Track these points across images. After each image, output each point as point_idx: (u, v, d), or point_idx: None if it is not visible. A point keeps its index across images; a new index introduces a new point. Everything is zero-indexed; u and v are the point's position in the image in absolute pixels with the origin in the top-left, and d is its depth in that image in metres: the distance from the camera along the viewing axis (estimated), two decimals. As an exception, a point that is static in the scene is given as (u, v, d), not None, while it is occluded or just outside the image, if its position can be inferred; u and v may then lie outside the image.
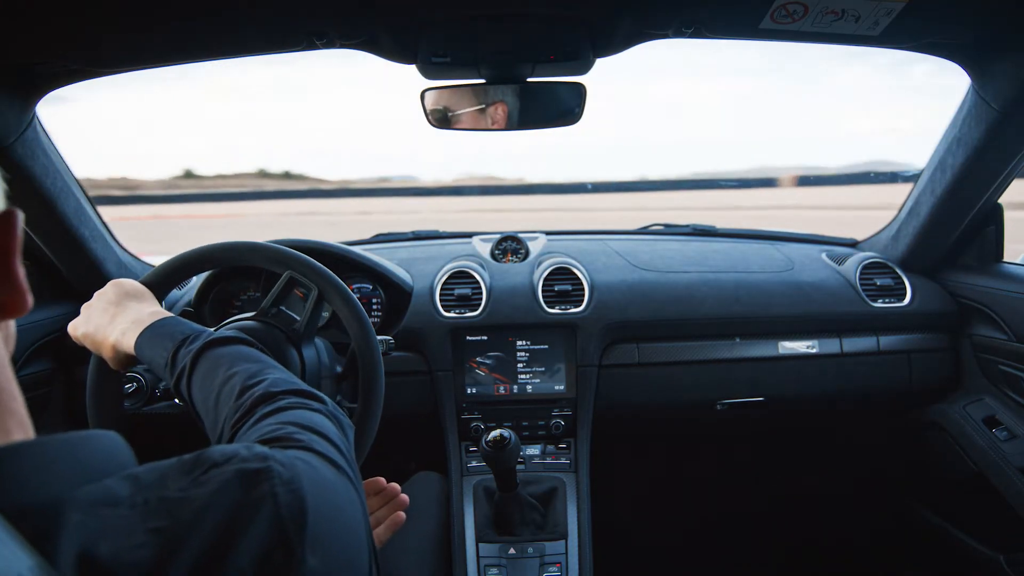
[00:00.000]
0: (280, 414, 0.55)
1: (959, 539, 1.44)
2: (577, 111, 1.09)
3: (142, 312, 0.80)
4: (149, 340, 0.74)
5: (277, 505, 0.37)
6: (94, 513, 0.33)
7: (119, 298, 0.84)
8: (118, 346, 0.78)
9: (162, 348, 0.72)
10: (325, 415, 0.57)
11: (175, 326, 0.75)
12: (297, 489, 0.39)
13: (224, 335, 0.72)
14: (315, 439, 0.50)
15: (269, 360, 0.68)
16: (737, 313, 1.37)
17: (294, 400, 0.59)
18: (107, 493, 0.34)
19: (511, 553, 1.12)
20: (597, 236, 1.67)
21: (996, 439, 1.28)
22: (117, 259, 1.40)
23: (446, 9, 0.90)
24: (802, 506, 1.83)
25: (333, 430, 0.54)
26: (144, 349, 0.74)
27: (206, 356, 0.68)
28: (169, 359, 0.71)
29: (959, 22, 0.94)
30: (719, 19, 0.94)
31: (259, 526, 0.36)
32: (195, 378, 0.68)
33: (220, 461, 0.39)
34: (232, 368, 0.65)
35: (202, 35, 0.95)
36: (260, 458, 0.40)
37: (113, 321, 0.80)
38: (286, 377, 0.64)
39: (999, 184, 1.24)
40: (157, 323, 0.76)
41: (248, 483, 0.37)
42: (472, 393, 1.32)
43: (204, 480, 0.37)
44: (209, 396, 0.64)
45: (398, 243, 1.67)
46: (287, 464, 0.41)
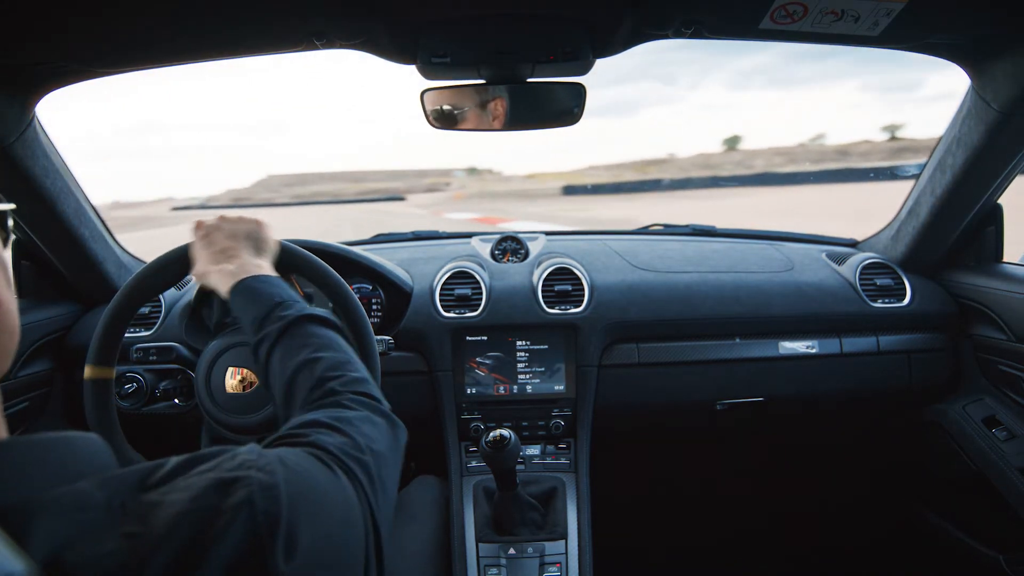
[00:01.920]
0: (328, 410, 0.57)
1: (959, 539, 1.44)
2: (576, 111, 1.09)
3: (249, 261, 0.80)
4: (245, 293, 0.75)
5: (254, 512, 0.37)
6: (66, 517, 0.32)
7: (241, 237, 0.84)
8: (214, 284, 0.79)
9: (255, 305, 0.73)
10: (375, 416, 0.58)
11: (274, 287, 0.76)
12: (275, 496, 0.39)
13: (320, 314, 0.72)
14: (330, 438, 0.51)
15: (351, 352, 0.69)
16: (737, 313, 1.37)
17: (352, 399, 0.60)
18: (81, 496, 0.34)
19: (511, 553, 1.12)
20: (597, 236, 1.67)
21: (996, 439, 1.28)
22: (117, 259, 1.40)
23: (446, 9, 0.90)
24: (802, 506, 1.83)
25: (367, 431, 0.55)
26: (237, 299, 0.75)
27: (296, 330, 0.69)
28: (259, 319, 0.71)
29: (959, 22, 0.94)
30: (719, 19, 0.94)
31: (234, 534, 0.35)
32: (278, 347, 0.68)
33: (202, 468, 0.38)
34: (317, 352, 0.66)
35: (202, 35, 0.95)
36: (243, 466, 0.39)
37: (223, 255, 0.81)
38: (361, 375, 0.64)
39: (999, 184, 1.24)
40: (259, 278, 0.77)
41: (225, 491, 0.37)
42: (472, 393, 1.32)
43: (184, 486, 0.37)
44: (287, 369, 0.65)
45: (398, 243, 1.67)
46: (268, 469, 0.40)
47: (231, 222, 0.86)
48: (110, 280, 1.36)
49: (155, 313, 1.31)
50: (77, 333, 1.32)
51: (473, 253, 1.53)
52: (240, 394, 0.89)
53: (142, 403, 1.16)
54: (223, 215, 0.88)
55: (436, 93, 1.09)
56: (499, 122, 1.11)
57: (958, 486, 1.44)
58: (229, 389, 0.90)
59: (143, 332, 1.28)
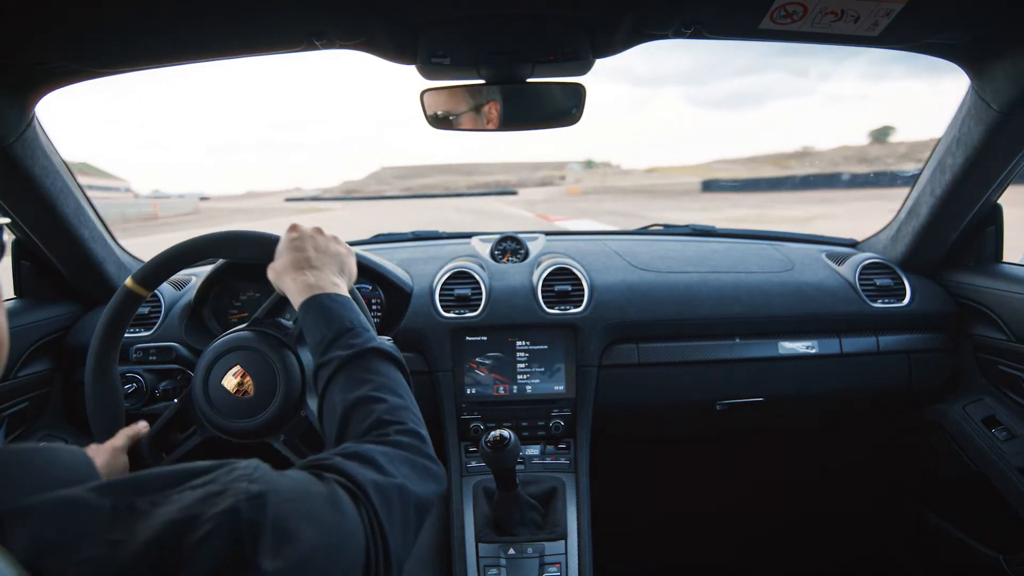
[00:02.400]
0: (377, 445, 0.58)
1: (959, 539, 1.44)
2: (576, 111, 1.09)
3: (329, 279, 0.80)
4: (318, 310, 0.75)
5: (238, 520, 0.37)
6: (51, 523, 0.32)
7: (329, 254, 0.85)
8: (288, 289, 0.80)
9: (326, 325, 0.73)
10: (419, 461, 0.59)
11: (347, 311, 0.75)
12: (261, 505, 0.39)
13: (387, 349, 0.72)
14: (359, 468, 0.52)
15: (410, 397, 0.69)
16: (737, 313, 1.37)
17: (404, 442, 0.60)
18: (75, 502, 0.34)
19: (511, 553, 1.12)
20: (597, 236, 1.67)
21: (996, 439, 1.28)
22: (117, 259, 1.40)
23: (445, 9, 0.91)
24: (801, 505, 1.83)
25: (405, 472, 0.56)
26: (309, 314, 0.75)
27: (362, 362, 0.69)
28: (327, 340, 0.71)
29: (958, 23, 0.94)
30: (719, 19, 0.94)
31: (215, 542, 0.35)
32: (341, 375, 0.68)
33: (196, 483, 0.38)
34: (379, 392, 0.66)
35: (202, 35, 0.95)
36: (236, 480, 0.39)
37: (306, 264, 0.81)
38: (417, 427, 0.64)
39: (998, 184, 1.24)
40: (335, 297, 0.77)
41: (212, 501, 0.37)
42: (472, 393, 1.31)
43: (175, 499, 0.37)
44: (346, 400, 0.65)
45: (398, 243, 1.67)
46: (260, 481, 0.40)
47: (324, 238, 0.87)
48: (110, 280, 1.36)
49: (155, 313, 1.31)
50: (77, 333, 1.32)
51: (473, 253, 1.53)
52: (237, 398, 0.89)
53: (142, 403, 1.16)
54: (319, 227, 0.89)
55: (436, 93, 1.09)
56: (498, 122, 1.11)
57: (958, 486, 1.44)
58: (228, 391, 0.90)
59: (143, 332, 1.28)
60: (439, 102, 1.09)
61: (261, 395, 0.89)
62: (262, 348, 0.90)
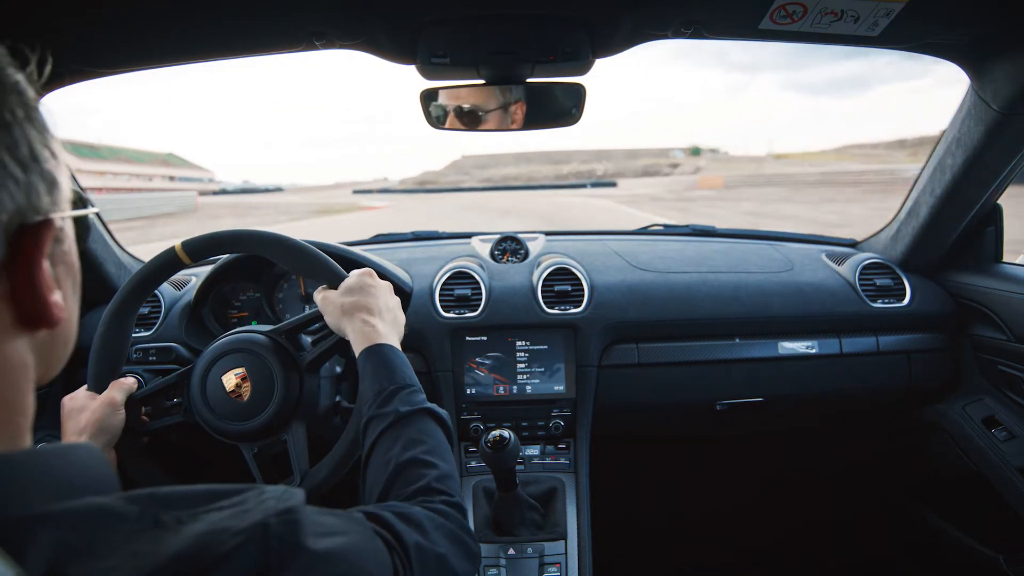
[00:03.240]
0: (421, 508, 0.59)
1: (959, 539, 1.44)
2: (576, 112, 1.09)
3: (391, 332, 0.83)
4: (382, 360, 0.77)
5: (267, 534, 0.37)
6: (77, 531, 0.32)
7: (393, 310, 0.88)
8: (351, 330, 0.82)
9: (387, 376, 0.75)
10: (457, 533, 0.60)
11: (407, 367, 0.78)
12: (292, 521, 0.38)
13: (440, 413, 0.74)
14: (403, 527, 0.53)
15: (453, 464, 0.70)
16: (736, 313, 1.37)
17: (445, 511, 0.62)
18: (100, 507, 0.34)
19: (511, 553, 1.11)
20: (596, 236, 1.67)
21: (995, 439, 1.28)
22: (117, 259, 1.40)
23: (445, 9, 0.91)
24: (801, 506, 1.83)
25: (440, 539, 0.57)
26: (371, 361, 0.77)
27: (416, 422, 0.71)
28: (385, 392, 0.73)
29: (958, 22, 0.94)
30: (719, 19, 0.94)
31: (243, 556, 0.35)
32: (393, 430, 0.69)
33: (224, 504, 0.38)
34: (431, 456, 0.67)
35: (202, 35, 0.95)
36: (264, 500, 0.39)
37: (375, 312, 0.84)
38: (458, 498, 0.66)
39: (998, 184, 1.24)
40: (397, 352, 0.79)
41: (241, 516, 0.37)
42: (472, 393, 1.31)
43: (204, 518, 0.36)
44: (399, 457, 0.66)
45: (398, 244, 1.67)
46: (288, 500, 0.40)
47: (395, 299, 0.91)
48: (110, 280, 1.36)
49: (155, 313, 1.31)
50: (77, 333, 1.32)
51: (472, 253, 1.53)
52: (231, 398, 0.89)
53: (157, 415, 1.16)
54: (392, 286, 0.92)
55: (435, 93, 1.09)
56: (497, 123, 1.11)
57: (958, 486, 1.44)
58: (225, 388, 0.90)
59: (143, 332, 1.28)
60: (439, 102, 1.09)
61: (253, 404, 0.89)
62: (271, 359, 0.90)
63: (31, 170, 0.35)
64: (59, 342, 0.41)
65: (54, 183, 0.37)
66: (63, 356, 0.43)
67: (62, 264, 0.40)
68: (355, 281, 0.87)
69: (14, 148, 0.34)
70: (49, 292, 0.36)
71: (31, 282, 0.35)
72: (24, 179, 0.34)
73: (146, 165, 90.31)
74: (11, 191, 0.34)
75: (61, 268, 0.40)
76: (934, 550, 1.58)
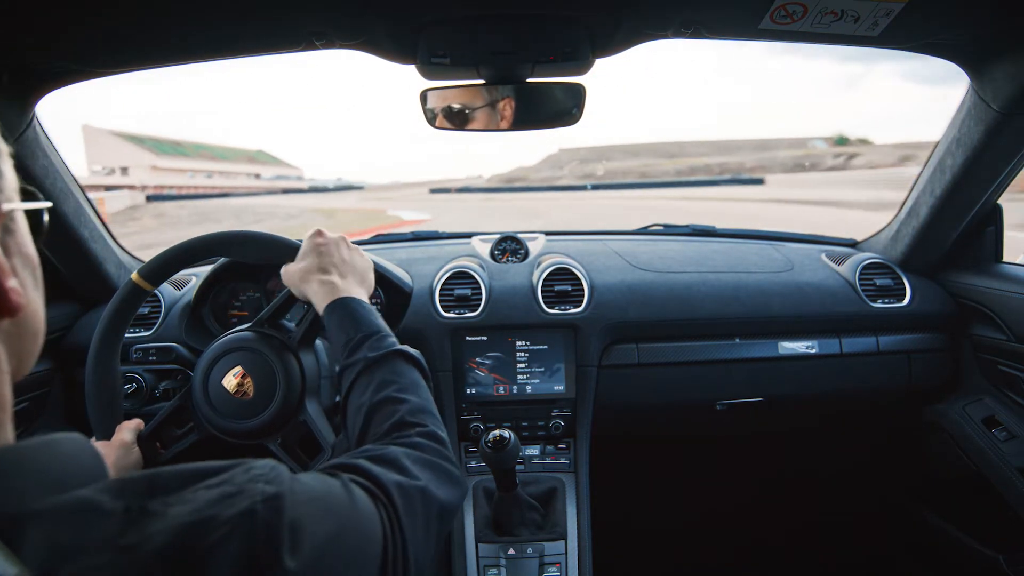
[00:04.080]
0: (399, 447, 0.59)
1: (959, 539, 1.44)
2: (576, 112, 1.09)
3: (353, 285, 0.83)
4: (346, 313, 0.77)
5: (254, 523, 0.37)
6: (68, 527, 0.32)
7: (354, 264, 0.87)
8: (311, 292, 0.82)
9: (353, 327, 0.75)
10: (441, 464, 0.60)
11: (373, 315, 0.78)
12: (278, 507, 0.38)
13: (412, 353, 0.74)
14: (380, 469, 0.53)
15: (431, 401, 0.71)
16: (737, 313, 1.37)
17: (424, 445, 0.62)
18: (89, 504, 0.33)
19: (510, 553, 1.12)
20: (596, 236, 1.67)
21: (995, 439, 1.28)
22: (117, 259, 1.40)
23: (445, 9, 0.90)
24: (801, 506, 1.83)
25: (426, 476, 0.57)
26: (335, 315, 0.77)
27: (388, 364, 0.71)
28: (353, 341, 0.73)
29: (958, 22, 0.94)
30: (719, 19, 0.94)
31: (231, 546, 0.35)
32: (366, 375, 0.70)
33: (211, 482, 0.38)
34: (403, 393, 0.68)
35: (202, 35, 0.95)
36: (252, 480, 0.39)
37: (333, 269, 0.83)
38: (437, 429, 0.66)
39: (998, 184, 1.24)
40: (361, 303, 0.79)
41: (228, 502, 0.37)
42: (472, 393, 1.32)
43: (190, 498, 0.36)
44: (371, 400, 0.67)
45: (397, 243, 1.67)
46: (276, 481, 0.40)
47: (349, 248, 0.89)
48: (110, 280, 1.36)
49: (155, 313, 1.31)
50: (76, 333, 1.32)
51: (473, 253, 1.53)
52: (237, 399, 0.89)
53: (142, 403, 1.16)
54: (346, 236, 0.91)
55: (435, 93, 1.09)
56: (498, 122, 1.11)
57: (958, 486, 1.44)
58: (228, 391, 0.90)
59: (143, 332, 1.28)
60: (439, 102, 1.09)
61: (260, 397, 0.89)
62: (263, 350, 0.90)
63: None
64: (26, 333, 0.41)
65: None
66: (33, 350, 0.42)
67: (17, 255, 0.40)
68: (307, 245, 0.87)
69: None
70: (6, 276, 0.36)
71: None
72: None
73: (230, 162, 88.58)
74: None
75: (17, 259, 0.40)
76: (934, 550, 1.58)
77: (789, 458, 1.80)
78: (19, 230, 0.41)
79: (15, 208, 0.40)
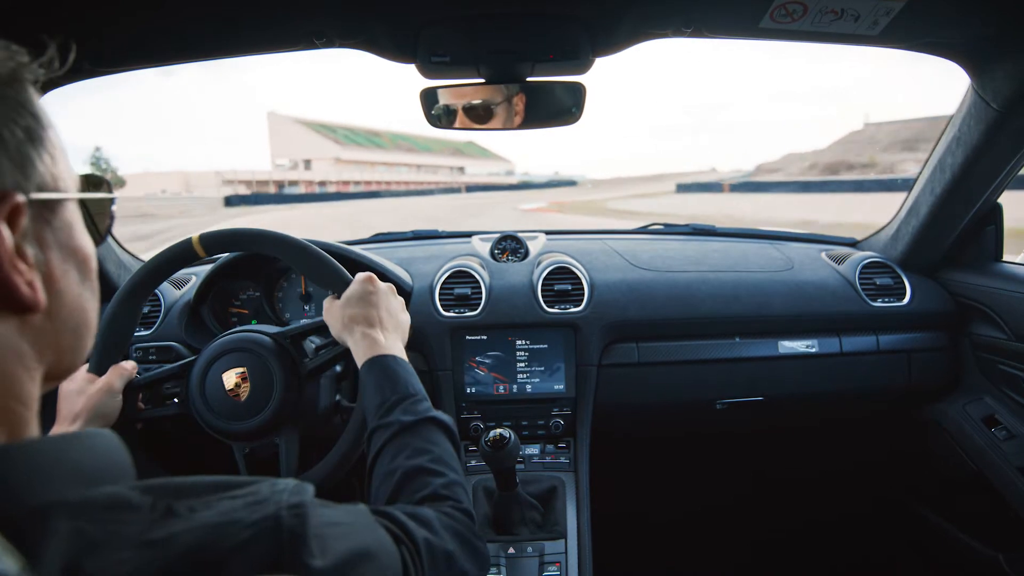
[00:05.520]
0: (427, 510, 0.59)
1: (958, 538, 1.44)
2: (576, 111, 1.09)
3: (395, 341, 0.83)
4: (384, 371, 0.76)
5: (279, 528, 0.37)
6: (97, 520, 0.32)
7: (397, 317, 0.88)
8: (353, 341, 0.82)
9: (389, 387, 0.74)
10: (467, 536, 0.60)
11: (411, 376, 0.78)
12: (302, 515, 0.39)
13: (446, 421, 0.73)
14: (413, 525, 0.53)
15: (461, 473, 0.70)
16: (737, 312, 1.37)
17: (455, 516, 0.62)
18: (115, 497, 0.34)
19: (510, 552, 1.11)
20: (597, 235, 1.67)
21: (995, 438, 1.28)
22: (117, 258, 1.40)
23: (445, 9, 0.90)
24: (801, 505, 1.83)
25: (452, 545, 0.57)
26: (373, 372, 0.77)
27: (422, 430, 0.70)
28: (388, 403, 0.73)
29: (958, 22, 0.94)
30: (719, 18, 0.94)
31: (255, 550, 0.35)
32: (398, 439, 0.69)
33: (236, 493, 0.38)
34: (437, 465, 0.67)
35: (202, 34, 0.95)
36: (276, 492, 0.39)
37: (377, 321, 0.83)
38: (468, 504, 0.66)
39: (998, 184, 1.24)
40: (399, 361, 0.79)
41: (252, 508, 0.37)
42: (471, 392, 1.32)
43: (216, 505, 0.36)
44: (405, 466, 0.66)
45: (397, 243, 1.67)
46: (300, 493, 0.40)
47: (397, 301, 0.90)
48: (110, 279, 1.36)
49: (155, 312, 1.31)
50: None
51: (473, 252, 1.53)
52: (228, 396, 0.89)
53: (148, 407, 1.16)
54: (393, 287, 0.91)
55: (436, 92, 1.09)
56: (498, 121, 1.11)
57: (957, 485, 1.44)
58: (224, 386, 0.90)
59: (143, 332, 1.28)
60: (439, 101, 1.09)
61: (250, 404, 0.89)
62: (273, 363, 0.90)
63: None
64: (63, 329, 0.40)
65: (25, 162, 0.37)
66: (75, 345, 0.41)
67: (56, 248, 0.39)
68: (356, 291, 0.87)
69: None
70: (11, 269, 0.35)
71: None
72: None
73: (433, 155, 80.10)
74: None
75: (55, 252, 0.39)
76: (933, 549, 1.58)
77: (789, 457, 1.81)
78: (63, 221, 0.40)
79: (46, 198, 0.38)
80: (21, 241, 0.36)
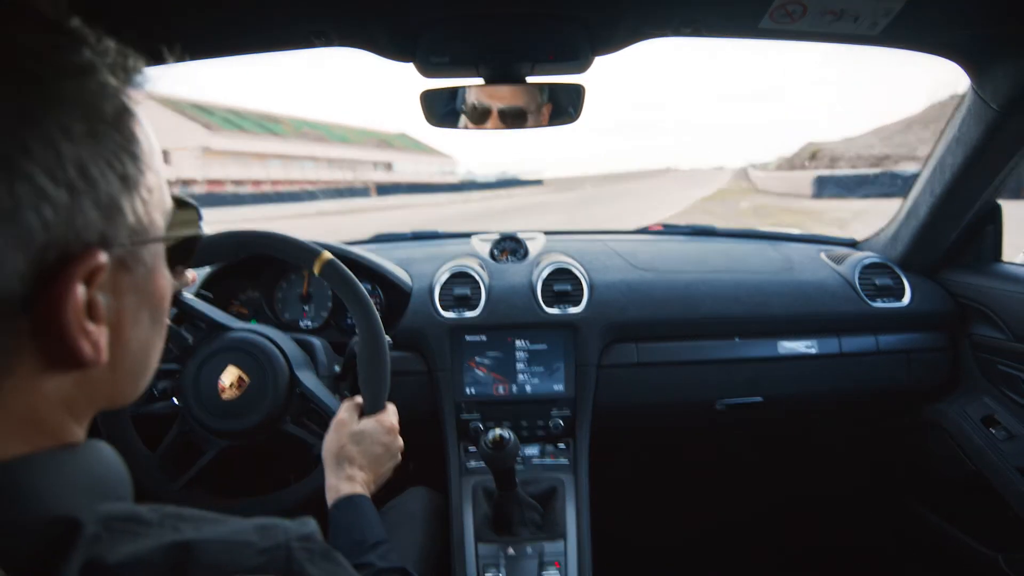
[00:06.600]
0: None
1: (958, 539, 1.44)
2: (574, 111, 1.09)
3: (363, 479, 0.85)
4: (356, 514, 0.79)
5: (290, 559, 0.37)
6: (114, 527, 0.32)
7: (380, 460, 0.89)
8: (329, 473, 0.84)
9: (366, 530, 0.77)
10: None
11: (376, 522, 0.80)
12: (312, 549, 0.38)
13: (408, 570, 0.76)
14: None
15: None
16: (736, 313, 1.37)
17: None
18: (132, 511, 0.34)
19: (510, 553, 1.11)
20: (596, 236, 1.67)
21: (995, 439, 1.28)
22: None
23: (445, 8, 0.90)
24: (801, 506, 1.83)
25: None
26: (342, 514, 0.79)
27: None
28: (364, 545, 0.75)
29: (958, 22, 0.94)
30: (718, 18, 0.94)
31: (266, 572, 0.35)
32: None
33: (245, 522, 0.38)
34: None
35: (201, 33, 0.95)
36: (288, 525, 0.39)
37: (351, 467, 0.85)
38: None
39: (998, 184, 1.24)
40: (366, 503, 0.81)
41: (263, 532, 0.37)
42: (471, 393, 1.31)
43: (221, 522, 0.37)
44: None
45: (397, 243, 1.67)
46: (306, 525, 0.41)
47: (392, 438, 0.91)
48: None
49: None
50: None
51: (472, 252, 1.53)
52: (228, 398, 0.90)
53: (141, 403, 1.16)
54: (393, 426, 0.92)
55: (435, 92, 1.08)
56: (498, 121, 1.11)
57: (957, 486, 1.44)
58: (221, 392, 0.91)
59: None
60: (438, 101, 1.09)
61: (240, 407, 0.90)
62: (276, 373, 0.91)
63: (78, 191, 0.31)
64: (123, 377, 0.38)
65: (114, 212, 0.33)
66: (133, 390, 0.40)
67: (131, 294, 0.36)
68: (367, 430, 0.88)
69: (56, 167, 0.30)
70: (79, 332, 0.32)
71: (56, 320, 0.31)
72: (67, 202, 0.30)
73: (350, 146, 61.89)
74: (44, 216, 0.29)
75: (130, 298, 0.36)
76: (933, 549, 1.58)
77: (788, 458, 1.81)
78: (144, 266, 0.37)
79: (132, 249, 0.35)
80: (95, 294, 0.33)
